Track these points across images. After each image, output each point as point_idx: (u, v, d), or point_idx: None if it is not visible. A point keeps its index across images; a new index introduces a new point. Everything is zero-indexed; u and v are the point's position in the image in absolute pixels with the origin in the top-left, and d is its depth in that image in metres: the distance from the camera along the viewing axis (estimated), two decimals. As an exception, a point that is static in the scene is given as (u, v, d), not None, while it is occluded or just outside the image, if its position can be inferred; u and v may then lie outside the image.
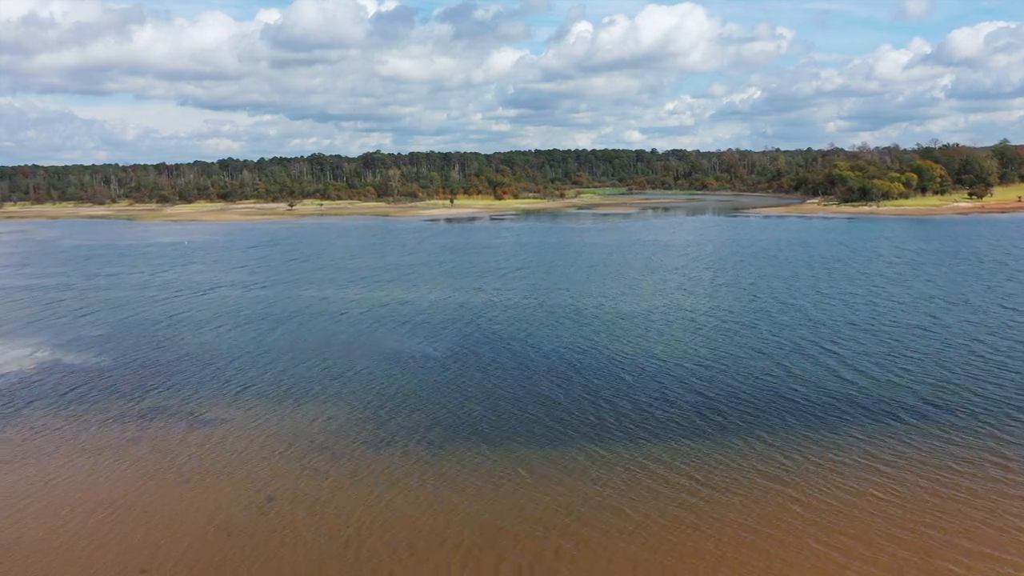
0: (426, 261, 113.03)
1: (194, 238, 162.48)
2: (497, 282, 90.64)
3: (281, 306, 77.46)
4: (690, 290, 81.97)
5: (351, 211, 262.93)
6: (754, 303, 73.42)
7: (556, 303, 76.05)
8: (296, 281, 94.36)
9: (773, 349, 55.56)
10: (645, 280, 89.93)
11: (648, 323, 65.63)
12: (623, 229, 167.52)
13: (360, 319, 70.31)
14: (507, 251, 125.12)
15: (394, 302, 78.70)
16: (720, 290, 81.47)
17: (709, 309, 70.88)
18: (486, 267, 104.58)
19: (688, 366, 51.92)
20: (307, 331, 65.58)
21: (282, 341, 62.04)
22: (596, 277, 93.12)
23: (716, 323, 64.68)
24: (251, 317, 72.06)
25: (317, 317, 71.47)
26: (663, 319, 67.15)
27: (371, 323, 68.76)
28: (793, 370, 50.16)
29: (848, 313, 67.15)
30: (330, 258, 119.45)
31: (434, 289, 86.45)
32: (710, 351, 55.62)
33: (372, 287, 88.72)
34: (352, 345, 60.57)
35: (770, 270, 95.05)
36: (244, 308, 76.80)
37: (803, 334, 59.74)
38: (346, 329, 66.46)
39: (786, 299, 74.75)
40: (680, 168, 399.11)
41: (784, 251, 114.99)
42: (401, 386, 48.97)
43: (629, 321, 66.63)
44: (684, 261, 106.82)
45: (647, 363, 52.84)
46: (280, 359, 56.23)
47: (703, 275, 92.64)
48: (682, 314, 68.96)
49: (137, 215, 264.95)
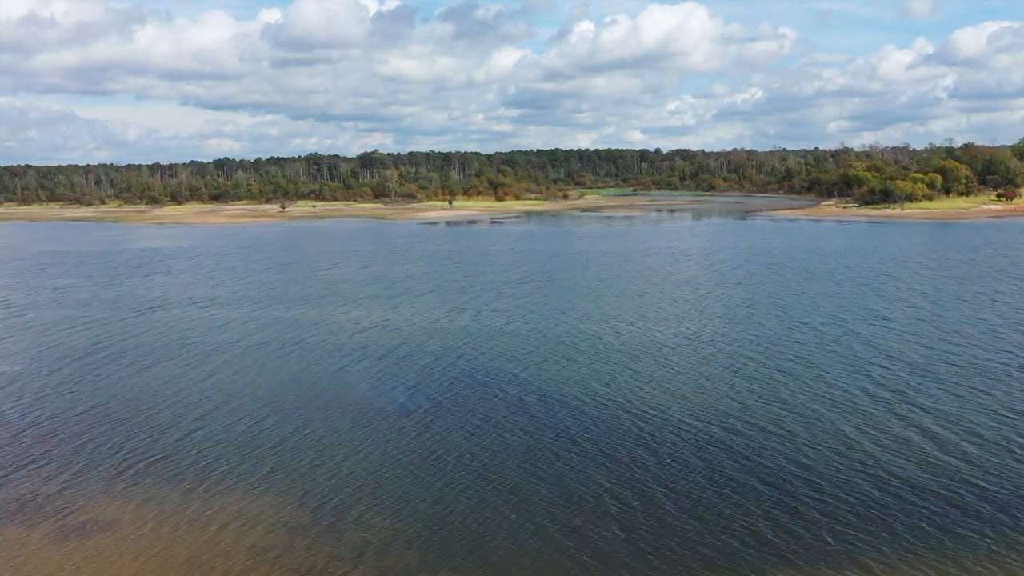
0: (414, 272, 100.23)
1: (173, 243, 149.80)
2: (493, 300, 77.85)
3: (233, 333, 64.63)
4: (719, 314, 69.03)
5: (345, 213, 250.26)
6: (802, 333, 60.46)
7: (561, 330, 63.21)
8: (261, 299, 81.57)
9: (844, 401, 42.70)
10: (664, 300, 77.05)
11: (675, 362, 52.71)
12: (631, 234, 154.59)
13: (326, 352, 57.48)
14: (506, 261, 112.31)
15: (370, 328, 65.86)
16: (755, 314, 68.52)
17: (747, 341, 57.96)
18: (481, 281, 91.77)
19: (738, 429, 39.09)
20: (255, 372, 52.74)
21: (220, 387, 49.17)
22: (606, 295, 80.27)
23: (761, 361, 51.78)
24: (194, 349, 59.22)
25: (273, 350, 58.61)
26: (693, 355, 54.25)
27: (338, 359, 55.97)
28: (883, 439, 37.30)
29: (928, 349, 54.25)
30: (308, 268, 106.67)
31: (420, 310, 73.63)
32: (761, 406, 42.74)
33: (347, 307, 75.93)
34: (307, 393, 47.80)
35: (809, 287, 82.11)
36: (188, 335, 63.97)
37: (880, 382, 46.80)
38: (305, 368, 53.66)
39: (841, 328, 61.78)
40: (686, 168, 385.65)
41: (816, 261, 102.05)
42: (365, 467, 36.10)
43: (652, 357, 53.73)
44: (705, 274, 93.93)
45: (686, 426, 39.97)
46: (208, 418, 43.34)
47: (731, 293, 79.73)
48: (716, 347, 56.06)
49: (123, 217, 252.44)
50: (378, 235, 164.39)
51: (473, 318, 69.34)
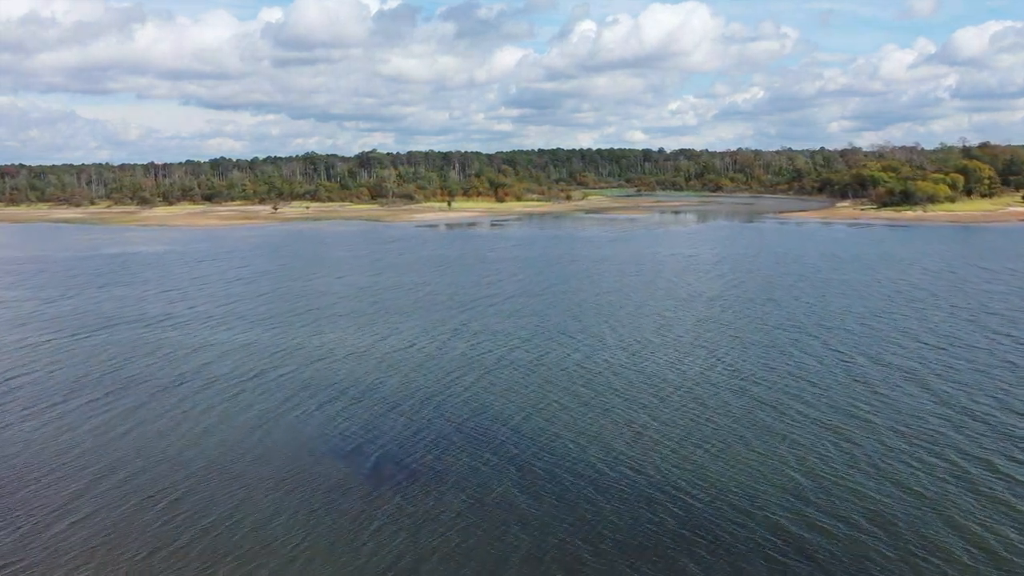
0: (402, 284, 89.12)
1: (150, 247, 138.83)
2: (488, 320, 66.75)
3: (176, 363, 53.50)
4: (757, 340, 57.86)
5: (340, 214, 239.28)
6: (861, 367, 49.32)
7: (570, 361, 52.10)
8: (222, 317, 70.46)
9: (920, 467, 31.68)
10: (687, 321, 65.91)
11: (715, 407, 41.56)
12: (638, 239, 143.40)
13: (285, 393, 46.37)
14: (504, 269, 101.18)
15: (342, 357, 54.81)
16: (801, 341, 57.36)
17: (798, 379, 46.81)
18: (476, 294, 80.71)
19: (791, 507, 27.98)
20: (190, 422, 41.54)
21: (137, 445, 38.04)
22: (619, 314, 69.13)
23: (820, 409, 40.64)
24: (121, 386, 48.05)
25: (220, 390, 47.47)
26: (735, 397, 43.06)
27: (287, 395, 44.95)
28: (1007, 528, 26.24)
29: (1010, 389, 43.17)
30: (285, 279, 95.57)
31: (403, 332, 62.52)
32: (832, 474, 31.65)
33: (319, 328, 64.82)
34: (240, 445, 36.80)
35: (852, 305, 70.97)
36: (122, 366, 52.74)
37: (960, 432, 35.73)
38: (245, 409, 42.56)
39: (909, 359, 50.68)
40: (691, 168, 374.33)
41: (848, 271, 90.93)
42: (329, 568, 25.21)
43: (686, 401, 42.60)
44: (729, 288, 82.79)
45: (748, 510, 28.89)
46: (103, 495, 32.21)
47: (765, 313, 68.58)
48: (761, 386, 44.89)
49: (109, 218, 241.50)
50: (370, 239, 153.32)
51: (465, 343, 58.25)
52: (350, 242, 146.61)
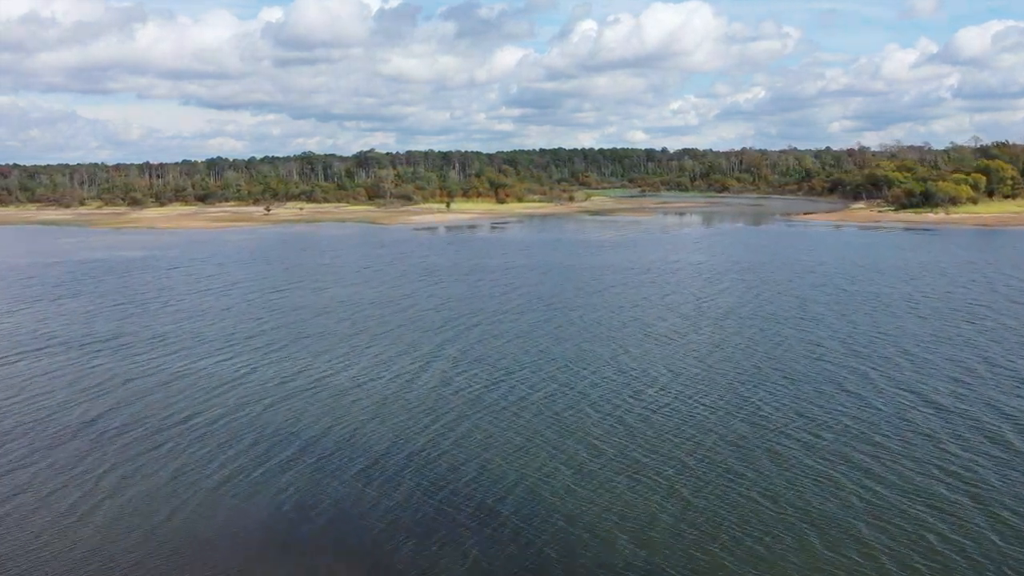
0: (381, 296, 79.38)
1: (130, 252, 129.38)
2: (479, 345, 57.02)
3: (103, 398, 43.72)
4: (800, 373, 48.00)
5: (334, 216, 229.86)
6: (925, 412, 39.56)
7: (575, 400, 42.33)
8: (173, 337, 60.74)
9: None
10: (709, 347, 56.13)
11: (759, 476, 31.88)
12: (645, 243, 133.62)
13: (197, 436, 36.65)
14: (498, 279, 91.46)
15: (284, 388, 45.11)
16: (843, 373, 47.58)
17: (824, 433, 37.06)
18: (462, 311, 70.97)
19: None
20: (66, 477, 31.91)
21: (27, 523, 28.50)
22: (630, 338, 59.37)
23: (896, 472, 30.97)
24: (23, 429, 38.47)
25: (122, 428, 37.76)
26: (754, 460, 33.36)
27: (208, 451, 35.26)
28: None
29: None
30: (257, 290, 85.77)
31: (365, 356, 52.75)
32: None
33: (271, 351, 55.08)
34: (132, 528, 27.07)
35: (896, 325, 61.18)
36: (23, 400, 43.15)
37: None
38: (148, 475, 32.84)
39: (975, 402, 40.90)
40: (696, 168, 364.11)
41: (882, 283, 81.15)
42: None
43: (722, 464, 32.94)
44: (753, 303, 72.96)
45: None
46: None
47: (788, 336, 58.72)
48: (787, 443, 35.18)
49: (97, 220, 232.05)
50: (360, 243, 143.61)
51: (450, 373, 48.54)
52: (339, 247, 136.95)
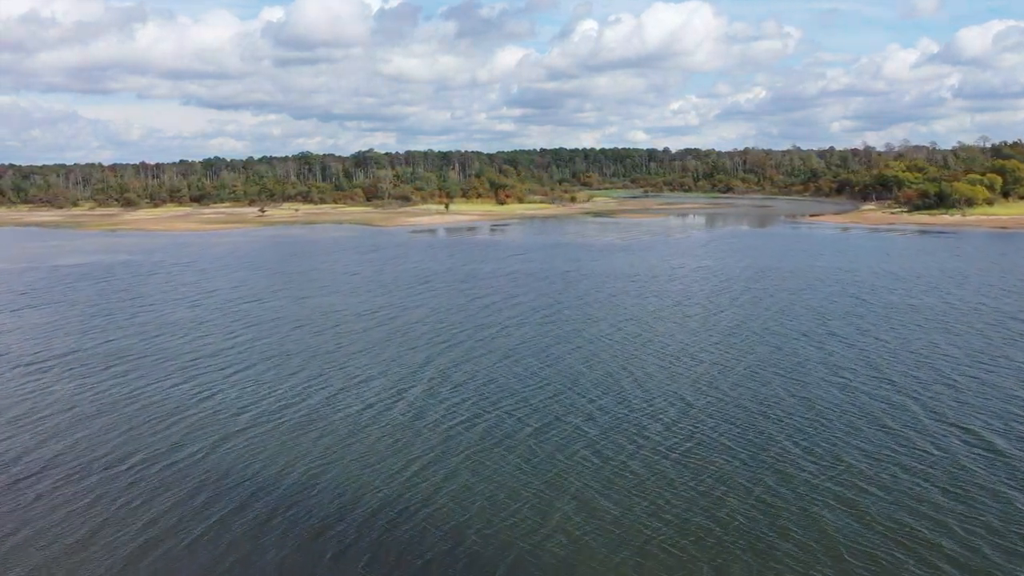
0: (366, 308, 72.11)
1: (112, 257, 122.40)
2: (460, 365, 49.77)
3: (27, 426, 36.63)
4: (815, 407, 40.75)
5: (330, 217, 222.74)
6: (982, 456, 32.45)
7: (563, 440, 35.13)
8: (124, 356, 53.52)
9: None
10: (715, 367, 48.90)
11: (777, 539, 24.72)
12: (652, 247, 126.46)
13: (141, 476, 29.51)
14: (496, 288, 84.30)
15: (245, 418, 37.97)
16: (861, 409, 40.32)
17: (879, 479, 29.94)
18: (451, 324, 63.75)
19: None
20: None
21: None
22: (628, 357, 52.17)
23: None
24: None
25: (54, 463, 30.57)
26: (817, 517, 26.21)
27: (156, 490, 28.14)
28: None
29: None
30: (231, 299, 78.54)
31: (340, 376, 45.57)
32: None
33: (233, 371, 47.88)
34: None
35: (935, 345, 53.98)
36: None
37: None
38: (80, 518, 25.82)
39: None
40: (699, 168, 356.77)
41: (916, 294, 73.96)
42: None
43: (727, 520, 25.75)
44: (768, 315, 65.71)
45: None
46: None
47: (821, 356, 51.50)
48: (844, 494, 28.05)
49: (87, 222, 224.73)
50: (354, 247, 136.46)
51: (429, 402, 41.38)
52: (330, 250, 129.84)
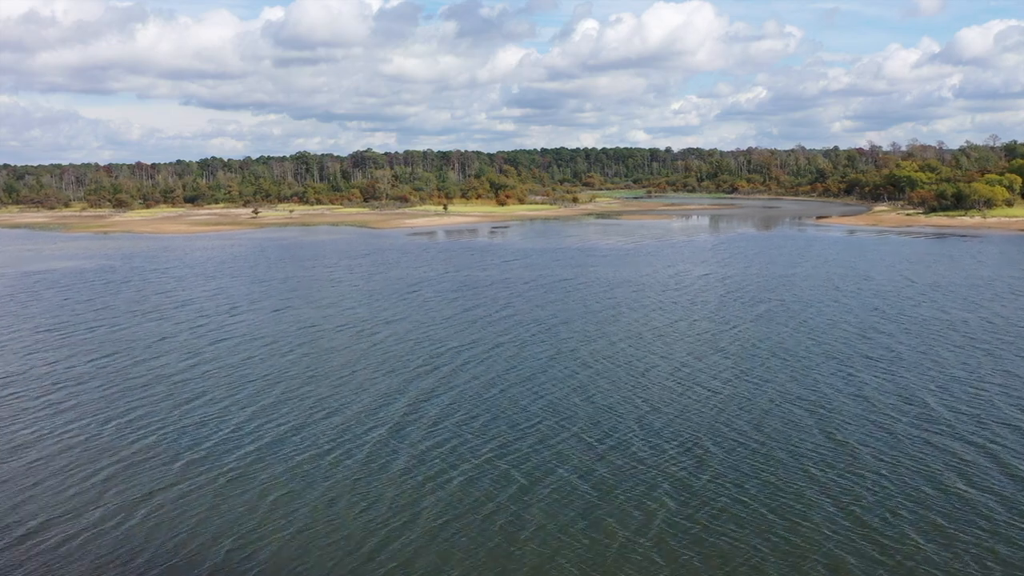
0: (345, 322, 64.05)
1: (77, 263, 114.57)
2: (438, 397, 41.71)
3: None
4: (883, 458, 32.81)
5: (324, 219, 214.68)
6: None
7: (553, 509, 27.19)
8: (65, 382, 45.59)
9: None
10: (740, 399, 40.80)
11: None
12: (660, 252, 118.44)
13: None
14: (490, 299, 76.29)
15: (177, 469, 29.99)
16: (947, 461, 32.38)
17: None
18: (437, 342, 55.66)
19: None
20: None
21: None
22: (639, 387, 44.14)
23: None
24: None
25: None
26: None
27: None
28: None
29: None
30: (203, 310, 70.40)
31: (299, 408, 37.49)
32: None
33: (181, 402, 39.85)
34: None
35: (1000, 370, 45.97)
36: None
37: None
38: None
39: None
40: (703, 169, 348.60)
41: (958, 306, 65.91)
42: None
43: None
44: (797, 333, 57.62)
45: None
46: None
47: (872, 384, 43.32)
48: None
49: (75, 223, 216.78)
50: (345, 251, 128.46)
51: (397, 447, 33.39)
52: (319, 255, 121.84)
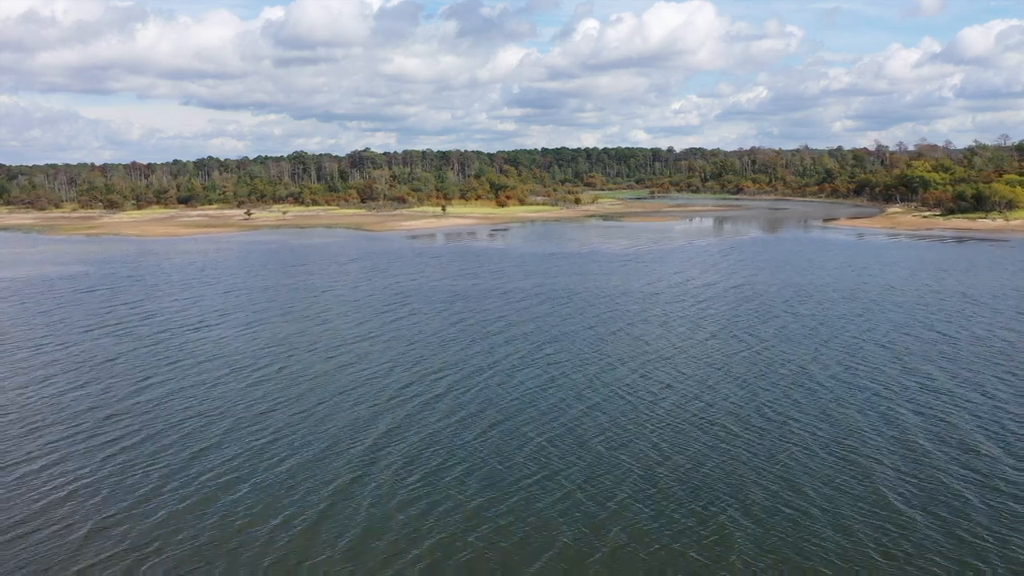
0: (320, 340, 55.85)
1: (43, 270, 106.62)
2: (405, 456, 33.61)
3: None
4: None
5: (319, 221, 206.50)
6: None
7: None
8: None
9: None
10: (771, 443, 32.63)
11: None
12: (669, 257, 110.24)
13: None
14: (476, 318, 68.08)
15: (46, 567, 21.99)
16: None
17: None
18: (411, 376, 47.53)
19: None
20: None
21: None
22: (648, 426, 35.96)
23: None
24: None
25: None
26: None
27: None
28: None
29: None
30: (167, 324, 62.26)
31: (249, 450, 29.42)
32: None
33: (114, 440, 31.78)
34: None
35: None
36: None
37: None
38: None
39: None
40: (707, 168, 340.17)
41: (1016, 326, 57.81)
42: None
43: None
44: (831, 358, 49.42)
45: None
46: None
47: (961, 431, 35.27)
48: None
49: (61, 225, 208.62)
50: (335, 256, 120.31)
51: (354, 517, 25.31)
52: (307, 259, 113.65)
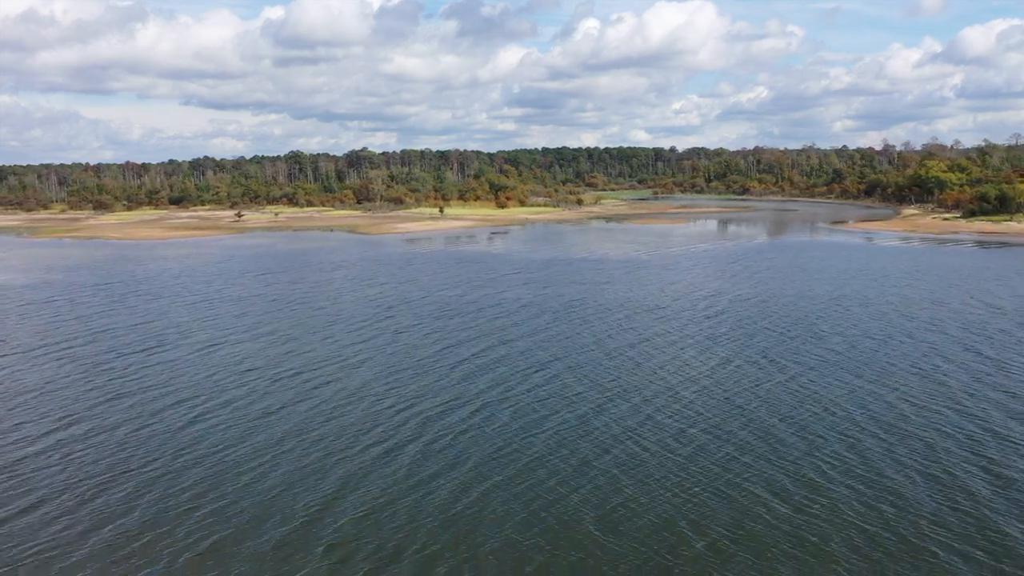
0: (276, 363, 46.85)
1: (10, 277, 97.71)
2: (370, 520, 24.68)
3: None
4: None
5: (312, 223, 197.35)
6: None
7: None
8: None
9: None
10: (816, 512, 23.44)
11: None
12: (678, 264, 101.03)
13: None
14: (467, 334, 58.81)
15: None
16: None
17: None
18: (385, 410, 38.45)
19: None
20: None
21: None
22: (662, 488, 26.85)
23: None
24: None
25: None
26: None
27: None
28: None
29: None
30: (125, 342, 53.25)
31: (156, 525, 20.54)
32: None
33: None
34: None
35: None
36: None
37: None
38: None
39: None
40: (712, 168, 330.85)
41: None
42: None
43: None
44: (874, 392, 40.29)
45: None
46: None
47: None
48: None
49: (43, 227, 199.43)
50: (321, 262, 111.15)
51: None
52: (292, 265, 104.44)
